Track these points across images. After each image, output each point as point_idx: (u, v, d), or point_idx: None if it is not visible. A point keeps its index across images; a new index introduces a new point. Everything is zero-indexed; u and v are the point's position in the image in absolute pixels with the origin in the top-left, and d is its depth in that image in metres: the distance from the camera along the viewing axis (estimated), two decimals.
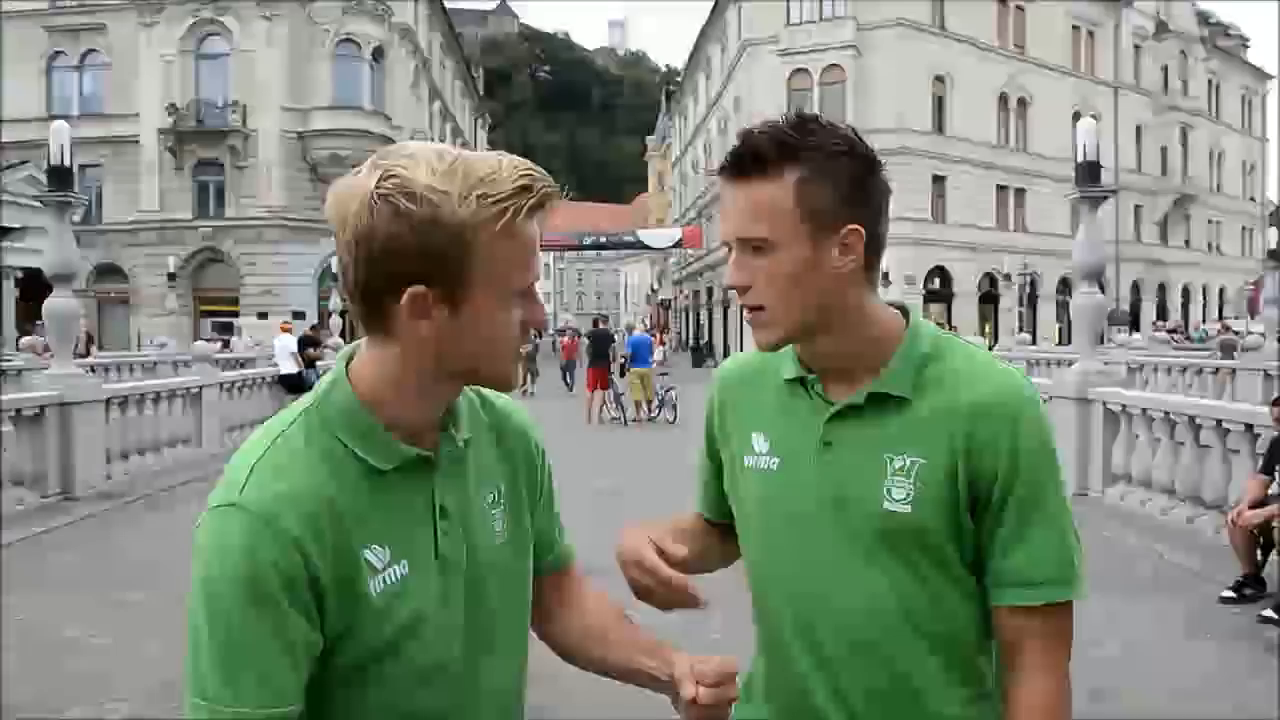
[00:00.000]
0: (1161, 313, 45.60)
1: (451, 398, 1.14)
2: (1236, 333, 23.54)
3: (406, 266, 1.00)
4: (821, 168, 1.17)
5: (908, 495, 1.20)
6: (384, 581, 1.05)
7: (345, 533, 1.03)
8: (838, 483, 1.24)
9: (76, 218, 12.02)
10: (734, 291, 1.24)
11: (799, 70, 36.72)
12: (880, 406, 1.23)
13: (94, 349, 23.18)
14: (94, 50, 33.80)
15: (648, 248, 51.01)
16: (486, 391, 1.25)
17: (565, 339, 27.68)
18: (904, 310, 1.31)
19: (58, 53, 33.93)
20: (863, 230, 1.19)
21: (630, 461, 12.48)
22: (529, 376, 23.30)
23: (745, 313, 1.25)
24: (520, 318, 1.06)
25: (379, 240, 0.99)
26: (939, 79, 37.63)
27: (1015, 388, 1.21)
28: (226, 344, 23.74)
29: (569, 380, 24.57)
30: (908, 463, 1.20)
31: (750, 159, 1.18)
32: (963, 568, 1.23)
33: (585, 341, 21.14)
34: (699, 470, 1.51)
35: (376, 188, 0.99)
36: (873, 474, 1.22)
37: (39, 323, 13.40)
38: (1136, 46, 46.21)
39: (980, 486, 1.20)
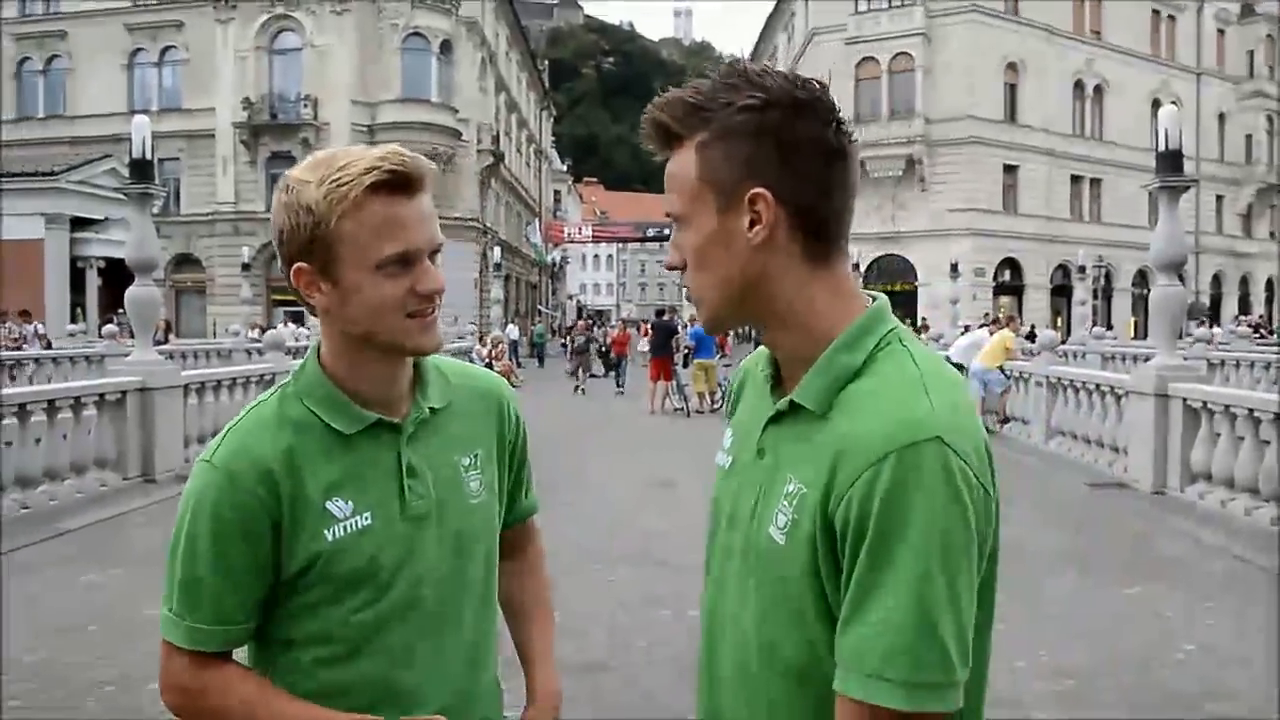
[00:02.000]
0: (1244, 307, 44.02)
1: (396, 368, 1.26)
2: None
3: (290, 248, 1.18)
4: (726, 127, 1.02)
5: (785, 524, 1.02)
6: (344, 529, 1.21)
7: (304, 485, 1.20)
8: (752, 496, 1.09)
9: (156, 209, 12.39)
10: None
11: (867, 59, 36.19)
12: (799, 417, 1.05)
13: (172, 336, 23.90)
14: (172, 47, 34.85)
15: None
16: (456, 364, 1.41)
17: (615, 333, 24.12)
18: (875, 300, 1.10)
19: (138, 50, 35.07)
20: (769, 194, 1.01)
21: (690, 453, 12.45)
22: (580, 372, 22.77)
23: None
24: (407, 285, 1.17)
25: (274, 228, 1.20)
26: (1011, 66, 36.85)
27: (901, 425, 0.94)
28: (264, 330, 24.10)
29: (619, 380, 21.94)
30: (795, 488, 1.02)
31: (657, 132, 1.06)
32: (819, 624, 1.00)
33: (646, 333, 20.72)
34: None
35: (280, 187, 1.19)
36: (775, 493, 1.05)
37: (120, 311, 13.86)
38: (1220, 30, 44.60)
39: (835, 535, 0.98)
